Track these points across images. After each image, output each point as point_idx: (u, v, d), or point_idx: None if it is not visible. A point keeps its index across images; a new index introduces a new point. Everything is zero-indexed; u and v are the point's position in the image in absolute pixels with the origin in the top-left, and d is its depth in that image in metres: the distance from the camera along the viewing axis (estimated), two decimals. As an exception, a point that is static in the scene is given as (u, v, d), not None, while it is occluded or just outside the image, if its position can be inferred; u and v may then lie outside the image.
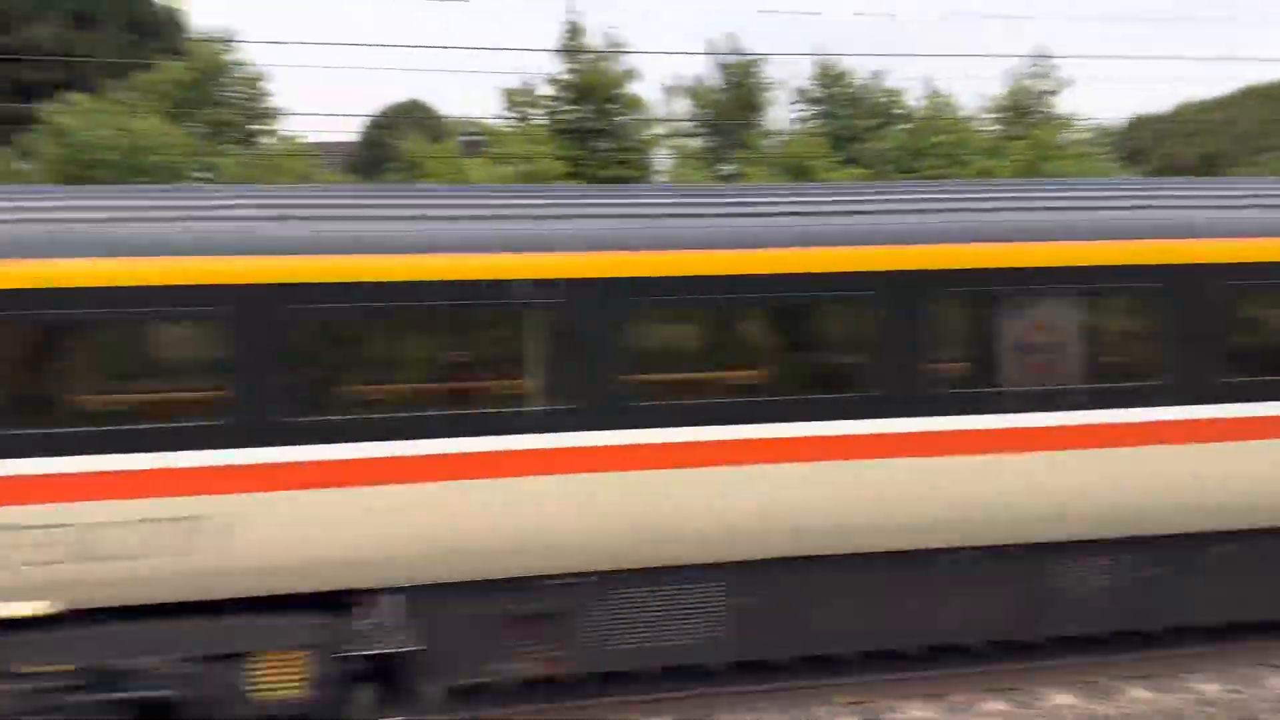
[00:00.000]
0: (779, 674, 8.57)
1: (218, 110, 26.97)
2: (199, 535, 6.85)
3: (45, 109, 25.60)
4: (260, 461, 6.97)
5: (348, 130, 41.57)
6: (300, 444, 7.01)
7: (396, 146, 29.61)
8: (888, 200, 8.91)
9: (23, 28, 31.31)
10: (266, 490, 6.98)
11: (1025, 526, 8.31)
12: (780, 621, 8.17)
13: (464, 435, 7.29)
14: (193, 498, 6.84)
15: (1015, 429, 8.11)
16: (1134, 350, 8.80)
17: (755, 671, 8.51)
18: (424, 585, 7.41)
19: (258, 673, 7.26)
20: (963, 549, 8.28)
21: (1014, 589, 8.50)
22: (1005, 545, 8.34)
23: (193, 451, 6.88)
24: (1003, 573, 8.43)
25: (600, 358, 7.53)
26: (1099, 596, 8.61)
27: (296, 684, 7.31)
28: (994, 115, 32.92)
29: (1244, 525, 8.67)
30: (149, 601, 6.97)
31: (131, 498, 6.76)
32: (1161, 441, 8.30)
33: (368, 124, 38.62)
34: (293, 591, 7.23)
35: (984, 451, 8.07)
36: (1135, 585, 8.65)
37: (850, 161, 29.83)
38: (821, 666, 8.66)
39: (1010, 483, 8.09)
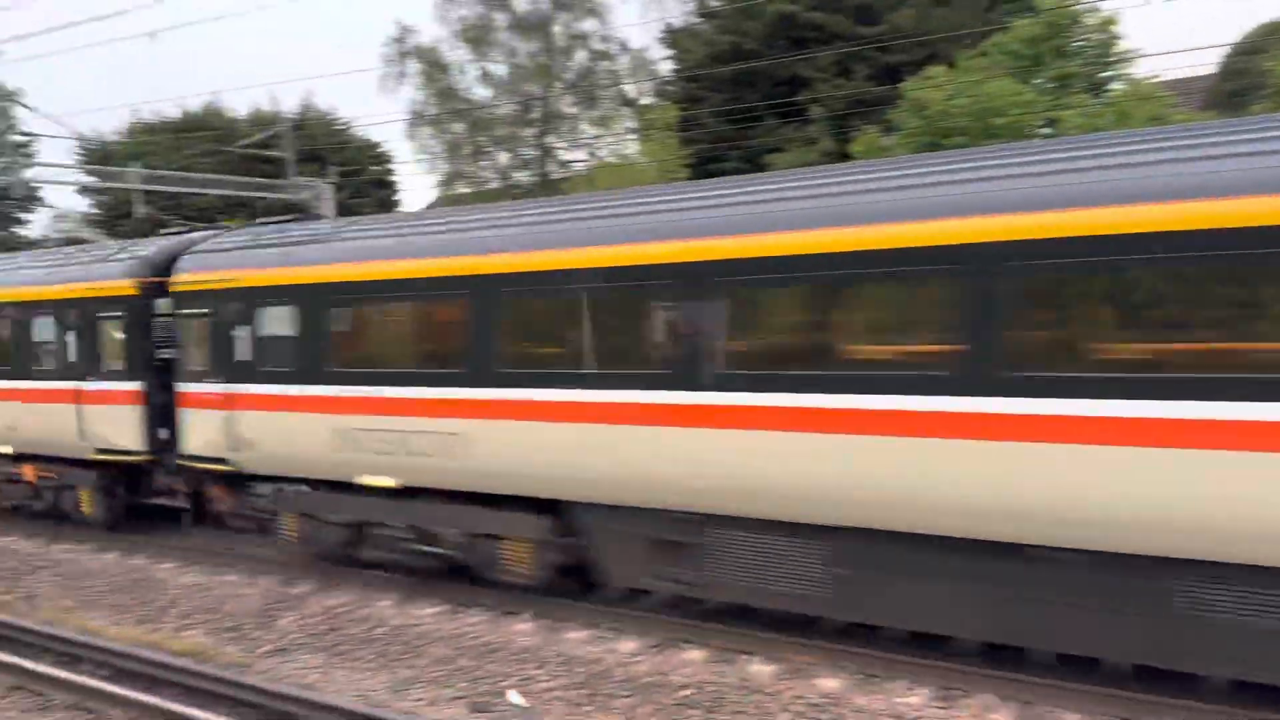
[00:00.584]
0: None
1: (1063, 63, 26.75)
2: None
3: (906, 86, 28.41)
4: None
5: (1203, 64, 37.47)
6: None
7: (1266, 72, 25.84)
8: None
9: (888, 16, 35.07)
10: None
11: None
12: None
13: None
14: None
15: None
16: None
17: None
18: None
19: None
20: None
21: None
22: None
23: None
24: None
25: None
26: None
27: None
28: None
29: None
30: None
31: None
32: None
33: (1229, 53, 34.40)
34: None
35: None
36: None
37: None
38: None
39: None
